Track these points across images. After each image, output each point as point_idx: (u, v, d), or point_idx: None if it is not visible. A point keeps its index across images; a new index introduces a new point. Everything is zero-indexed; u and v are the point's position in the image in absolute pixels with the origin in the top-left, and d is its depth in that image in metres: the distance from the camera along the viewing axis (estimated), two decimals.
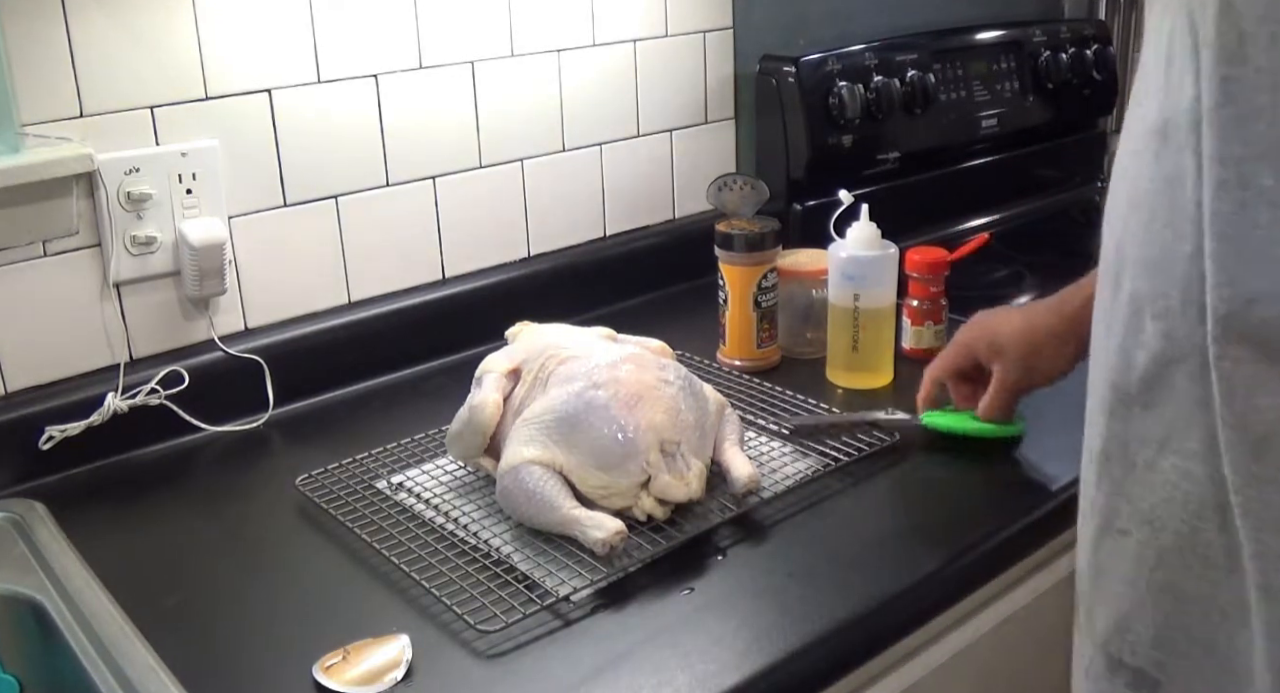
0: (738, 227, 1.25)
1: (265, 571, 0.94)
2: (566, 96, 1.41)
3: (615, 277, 1.48)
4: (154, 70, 1.10)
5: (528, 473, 0.93)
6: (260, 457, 1.14)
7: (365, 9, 1.22)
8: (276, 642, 0.85)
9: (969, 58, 1.72)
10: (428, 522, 0.98)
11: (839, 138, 1.56)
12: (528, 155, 1.39)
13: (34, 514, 1.01)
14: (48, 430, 1.08)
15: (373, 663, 0.80)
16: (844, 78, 1.55)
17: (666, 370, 0.98)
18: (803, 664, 0.81)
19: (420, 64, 1.28)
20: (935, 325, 1.29)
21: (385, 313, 1.30)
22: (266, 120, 1.19)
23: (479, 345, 1.25)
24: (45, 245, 1.08)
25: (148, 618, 0.86)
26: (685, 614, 0.85)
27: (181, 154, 1.13)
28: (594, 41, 1.42)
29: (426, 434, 1.12)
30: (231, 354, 1.19)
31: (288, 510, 1.02)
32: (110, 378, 1.12)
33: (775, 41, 1.59)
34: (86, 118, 1.07)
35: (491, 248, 1.39)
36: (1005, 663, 1.02)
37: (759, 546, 0.94)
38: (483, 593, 0.87)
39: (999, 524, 0.96)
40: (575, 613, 0.86)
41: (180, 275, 1.15)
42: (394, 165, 1.29)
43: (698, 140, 1.56)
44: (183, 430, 1.16)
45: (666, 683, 0.78)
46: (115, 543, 0.99)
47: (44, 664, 0.90)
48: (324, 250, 1.26)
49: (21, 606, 0.90)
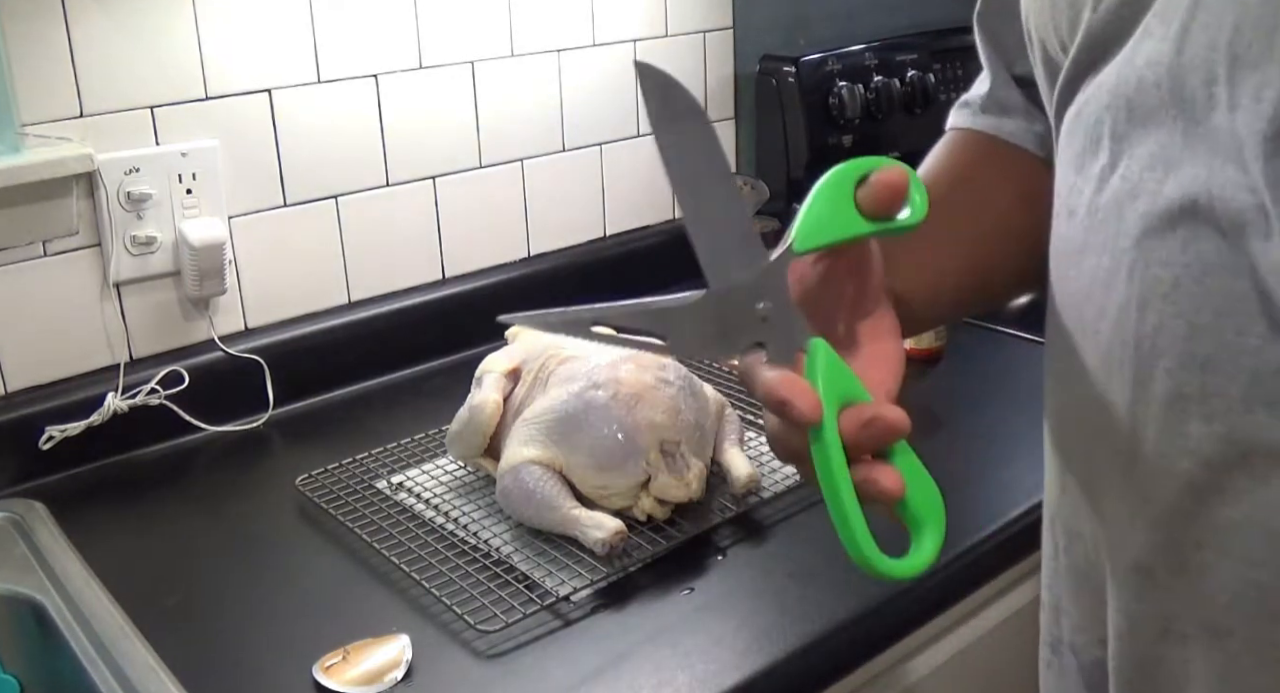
0: None
1: (265, 571, 0.94)
2: (566, 96, 1.41)
3: (615, 277, 1.48)
4: (154, 70, 1.10)
5: (528, 473, 0.93)
6: (260, 457, 1.14)
7: (365, 9, 1.22)
8: (276, 642, 0.85)
9: (969, 58, 1.70)
10: (428, 522, 0.98)
11: (839, 138, 1.56)
12: (528, 155, 1.39)
13: (34, 514, 1.01)
14: (48, 430, 1.08)
15: (373, 663, 0.80)
16: (844, 78, 1.55)
17: (666, 370, 0.98)
18: (803, 664, 0.81)
19: (420, 64, 1.28)
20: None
21: (385, 313, 1.30)
22: (266, 120, 1.19)
23: (479, 345, 1.25)
24: (45, 245, 1.08)
25: (148, 618, 0.86)
26: (685, 614, 0.85)
27: (181, 154, 1.13)
28: (594, 41, 1.41)
29: (426, 434, 1.12)
30: (231, 354, 1.19)
31: (288, 510, 1.02)
32: (110, 378, 1.12)
33: (775, 41, 1.59)
34: (86, 118, 1.07)
35: (491, 248, 1.39)
36: (1006, 663, 1.02)
37: (759, 546, 0.94)
38: (483, 593, 0.87)
39: (1000, 524, 0.96)
40: (575, 613, 0.86)
41: (180, 275, 1.15)
42: (394, 165, 1.29)
43: None
44: (183, 430, 1.16)
45: (666, 683, 0.78)
46: (115, 543, 0.99)
47: (44, 664, 0.90)
48: (324, 250, 1.26)
49: (21, 606, 0.90)
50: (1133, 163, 0.54)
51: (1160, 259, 0.53)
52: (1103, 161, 0.56)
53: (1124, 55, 0.54)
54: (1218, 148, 0.50)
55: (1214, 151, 0.50)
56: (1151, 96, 0.53)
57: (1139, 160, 0.54)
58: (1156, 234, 0.53)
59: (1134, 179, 0.54)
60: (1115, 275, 0.56)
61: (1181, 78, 0.51)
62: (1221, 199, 0.50)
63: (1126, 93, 0.54)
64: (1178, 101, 0.51)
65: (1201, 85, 0.50)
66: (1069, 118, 0.59)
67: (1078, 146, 0.58)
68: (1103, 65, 0.56)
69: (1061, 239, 0.60)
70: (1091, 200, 0.57)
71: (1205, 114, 0.50)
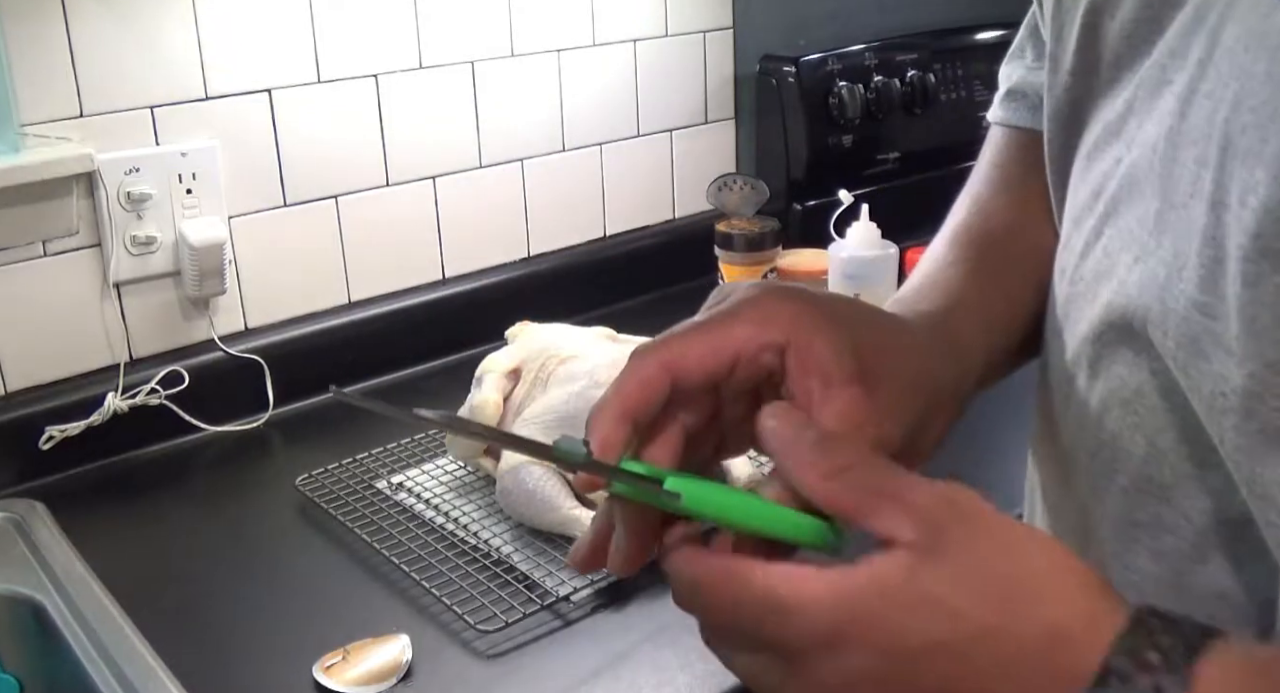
0: (738, 227, 1.25)
1: (265, 571, 0.94)
2: (566, 96, 1.41)
3: (615, 277, 1.48)
4: (154, 70, 1.10)
5: (528, 473, 0.93)
6: (260, 457, 1.14)
7: (365, 9, 1.22)
8: (276, 642, 0.85)
9: (969, 58, 1.72)
10: (428, 522, 0.98)
11: (839, 138, 1.56)
12: (528, 155, 1.39)
13: (34, 514, 1.01)
14: (48, 430, 1.08)
15: (373, 663, 0.80)
16: (844, 78, 1.55)
17: None
18: None
19: (420, 64, 1.28)
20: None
21: (385, 313, 1.30)
22: (266, 120, 1.19)
23: (479, 345, 1.25)
24: (45, 245, 1.08)
25: (148, 618, 0.86)
26: (685, 614, 0.85)
27: (181, 154, 1.13)
28: (594, 41, 1.41)
29: (426, 434, 1.12)
30: (231, 354, 1.19)
31: (288, 510, 1.02)
32: (110, 378, 1.12)
33: (775, 41, 1.59)
34: (86, 118, 1.07)
35: (491, 248, 1.39)
36: None
37: None
38: (483, 593, 0.87)
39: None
40: (575, 613, 0.86)
41: (180, 275, 1.15)
42: (394, 165, 1.29)
43: (698, 140, 1.56)
44: (183, 430, 1.16)
45: (666, 683, 0.78)
46: (115, 543, 0.99)
47: (44, 664, 0.90)
48: (324, 250, 1.26)
49: (21, 606, 0.90)
50: (1115, 236, 0.48)
51: (1126, 359, 0.46)
52: (1091, 223, 0.50)
53: (1149, 104, 0.47)
54: (1187, 241, 0.42)
55: (1181, 243, 0.43)
56: (1145, 162, 0.46)
57: (1121, 235, 0.47)
58: (1120, 330, 0.46)
59: (1113, 256, 0.47)
60: (1077, 365, 0.49)
61: (1176, 149, 0.44)
62: (1174, 313, 0.43)
63: (1131, 157, 0.47)
64: (1167, 175, 0.44)
65: (1193, 163, 0.43)
66: (1083, 154, 0.52)
67: (1083, 197, 0.51)
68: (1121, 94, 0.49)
69: (1052, 295, 0.54)
70: (1077, 266, 0.51)
71: (1185, 198, 0.43)
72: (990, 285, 0.56)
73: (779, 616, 0.39)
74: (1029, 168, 0.62)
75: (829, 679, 0.39)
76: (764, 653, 0.40)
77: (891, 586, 0.38)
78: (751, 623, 0.40)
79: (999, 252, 0.57)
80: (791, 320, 0.45)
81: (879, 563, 0.38)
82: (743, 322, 0.45)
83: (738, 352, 0.45)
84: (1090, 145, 0.51)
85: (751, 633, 0.40)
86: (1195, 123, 0.43)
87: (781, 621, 0.38)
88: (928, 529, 0.39)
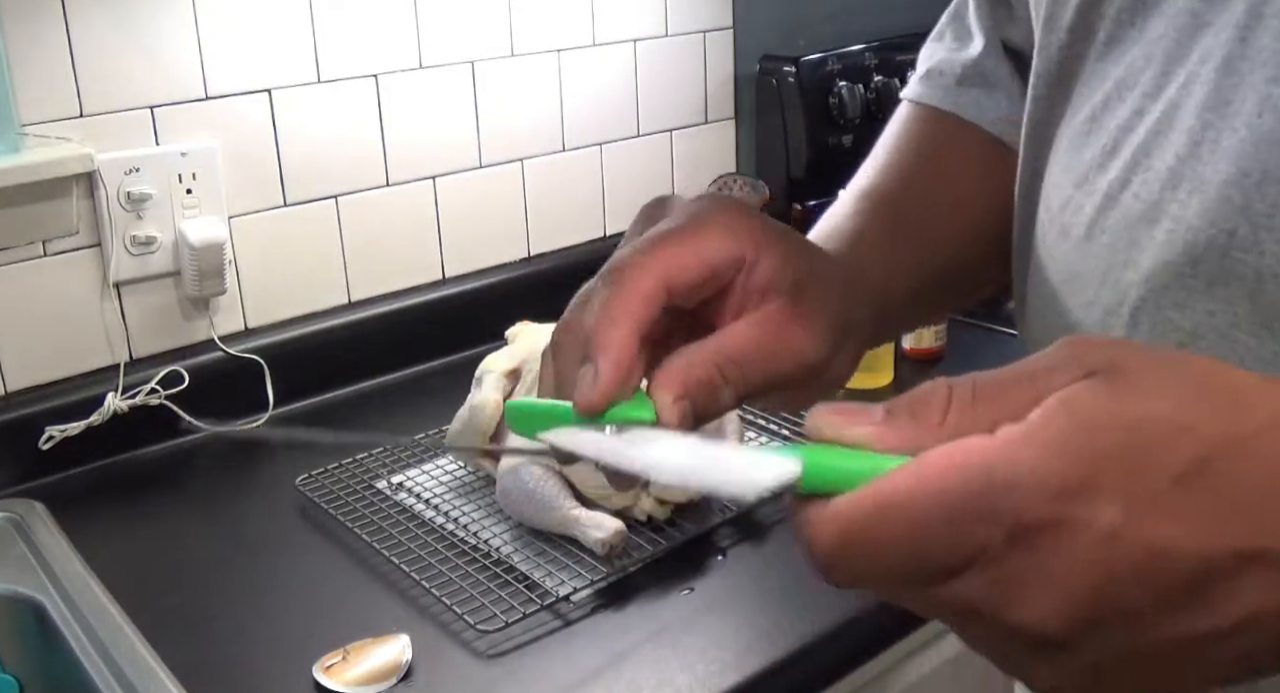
0: None
1: (265, 570, 0.94)
2: (566, 96, 1.41)
3: None
4: (154, 70, 1.10)
5: (528, 473, 0.93)
6: (260, 457, 1.14)
7: (365, 9, 1.22)
8: (276, 642, 0.85)
9: None
10: (428, 522, 0.98)
11: (839, 138, 1.56)
12: (528, 155, 1.39)
13: (34, 514, 1.01)
14: (48, 430, 1.08)
15: (373, 663, 0.80)
16: (844, 78, 1.55)
17: None
18: (803, 665, 0.81)
19: (420, 64, 1.28)
20: (935, 325, 1.29)
21: (385, 313, 1.30)
22: (266, 120, 1.19)
23: (479, 345, 1.25)
24: (45, 245, 1.08)
25: (148, 618, 0.86)
26: (685, 614, 0.85)
27: (181, 154, 1.13)
28: (594, 41, 1.41)
29: (426, 434, 1.12)
30: (231, 354, 1.19)
31: (288, 510, 1.02)
32: (110, 378, 1.12)
33: (775, 41, 1.59)
34: (86, 118, 1.07)
35: (491, 248, 1.39)
36: None
37: (759, 546, 0.94)
38: (483, 593, 0.87)
39: None
40: (575, 613, 0.86)
41: (180, 275, 1.15)
42: (394, 165, 1.29)
43: (698, 140, 1.56)
44: (183, 431, 1.16)
45: (666, 683, 0.78)
46: (115, 543, 0.99)
47: (44, 664, 0.90)
48: (324, 250, 1.26)
49: (21, 606, 0.90)
50: (1151, 179, 0.45)
51: (1175, 301, 0.44)
52: (1113, 175, 0.48)
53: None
54: (1261, 156, 0.40)
55: (1249, 162, 0.41)
56: (1188, 101, 0.44)
57: (1161, 176, 0.45)
58: (1174, 270, 0.44)
59: (1151, 198, 0.45)
60: (1115, 315, 0.47)
61: (1235, 75, 0.42)
62: (1256, 239, 0.40)
63: (1161, 105, 0.45)
64: (1224, 102, 0.43)
65: (1263, 83, 0.41)
66: (1080, 118, 0.51)
67: (1090, 157, 0.49)
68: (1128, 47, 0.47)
69: (1052, 261, 0.51)
70: (1094, 220, 0.48)
71: (1252, 119, 0.41)
72: (895, 233, 0.56)
73: (989, 497, 0.31)
74: (941, 143, 0.64)
75: (1082, 553, 0.31)
76: (973, 568, 0.33)
77: (1103, 409, 0.31)
78: (947, 531, 0.32)
79: (907, 207, 0.57)
80: (752, 235, 0.45)
81: (1072, 394, 0.32)
82: (717, 235, 0.44)
83: (715, 266, 0.44)
84: (1097, 106, 0.50)
85: (952, 544, 0.32)
86: (1265, 43, 0.41)
87: (993, 502, 0.31)
88: (1093, 366, 0.33)
